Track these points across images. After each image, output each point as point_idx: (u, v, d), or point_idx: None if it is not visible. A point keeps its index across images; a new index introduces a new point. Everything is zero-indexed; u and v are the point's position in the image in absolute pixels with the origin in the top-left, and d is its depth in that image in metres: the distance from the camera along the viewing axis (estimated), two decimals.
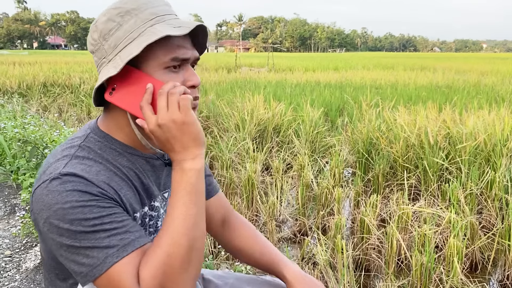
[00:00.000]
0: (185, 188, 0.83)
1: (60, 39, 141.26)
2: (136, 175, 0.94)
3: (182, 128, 0.83)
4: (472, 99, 8.26)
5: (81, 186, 0.81)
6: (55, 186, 0.80)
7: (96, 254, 0.79)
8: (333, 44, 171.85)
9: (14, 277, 2.33)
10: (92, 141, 0.91)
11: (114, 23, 0.87)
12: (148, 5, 0.88)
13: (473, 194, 3.66)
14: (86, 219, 0.79)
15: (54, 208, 0.79)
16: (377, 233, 3.13)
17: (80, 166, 0.84)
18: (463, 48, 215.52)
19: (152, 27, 0.86)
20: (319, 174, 4.50)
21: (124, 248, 0.80)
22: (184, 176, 0.84)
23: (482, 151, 4.33)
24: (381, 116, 5.41)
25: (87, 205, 0.79)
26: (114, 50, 0.87)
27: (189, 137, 0.84)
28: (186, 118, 0.83)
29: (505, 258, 3.08)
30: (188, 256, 0.80)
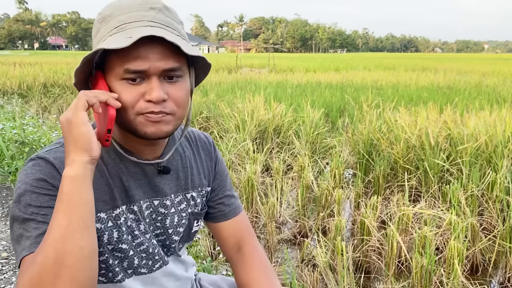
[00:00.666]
0: (59, 196, 0.77)
1: (61, 39, 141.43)
2: (117, 174, 0.94)
3: (69, 128, 0.79)
4: (473, 100, 8.25)
5: (45, 173, 0.83)
6: (29, 166, 0.85)
7: (21, 241, 0.80)
8: (334, 45, 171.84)
9: (11, 280, 2.32)
10: None
11: (95, 29, 0.90)
12: (120, 12, 0.85)
13: (474, 196, 3.64)
14: (29, 205, 0.81)
15: (19, 185, 0.84)
16: (377, 234, 3.12)
17: (59, 154, 0.87)
18: (464, 48, 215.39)
19: (111, 36, 0.84)
20: (320, 175, 4.49)
21: (35, 244, 0.78)
22: (64, 183, 0.77)
23: (483, 153, 4.31)
24: (382, 117, 5.39)
25: (35, 191, 0.82)
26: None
27: (72, 140, 0.79)
28: (72, 117, 0.78)
29: (506, 260, 3.06)
30: (54, 270, 0.72)
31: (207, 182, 1.11)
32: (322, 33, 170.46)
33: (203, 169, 1.11)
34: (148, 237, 0.99)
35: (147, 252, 0.99)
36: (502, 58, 49.05)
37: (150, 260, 1.00)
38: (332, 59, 36.18)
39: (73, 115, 0.79)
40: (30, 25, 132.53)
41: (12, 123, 4.22)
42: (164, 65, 0.84)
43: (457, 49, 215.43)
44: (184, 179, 1.05)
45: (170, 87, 0.87)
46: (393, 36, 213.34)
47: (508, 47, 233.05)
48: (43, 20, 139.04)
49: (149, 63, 0.83)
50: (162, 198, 1.00)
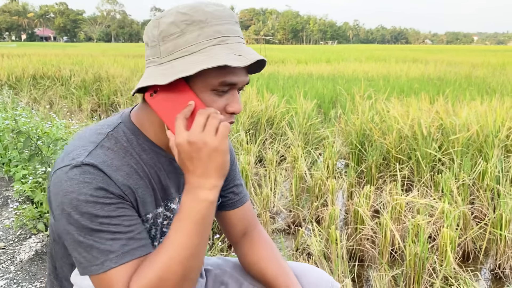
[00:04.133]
0: (194, 217, 0.81)
1: (49, 31, 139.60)
2: (156, 174, 0.93)
3: (212, 154, 0.81)
4: (464, 91, 8.31)
5: (99, 180, 0.80)
6: (74, 174, 0.80)
7: (95, 254, 0.79)
8: (325, 37, 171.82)
9: (9, 269, 2.33)
10: (120, 133, 0.90)
11: (178, 29, 0.84)
12: (216, 21, 0.85)
13: (465, 185, 3.69)
14: (96, 216, 0.79)
15: (70, 197, 0.79)
16: (371, 223, 3.15)
17: (102, 157, 0.83)
18: (454, 40, 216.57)
19: (213, 47, 0.83)
20: (313, 166, 4.51)
21: (123, 256, 0.80)
22: (196, 205, 0.81)
23: (475, 142, 4.36)
24: (374, 108, 5.42)
25: (99, 201, 0.79)
26: (168, 56, 0.84)
27: (214, 166, 0.81)
28: (219, 145, 0.81)
29: (497, 247, 3.11)
30: (179, 284, 0.80)
31: None
32: (313, 24, 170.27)
33: None
34: None
35: None
36: (491, 49, 49.42)
37: None
38: (323, 51, 36.18)
39: (220, 143, 0.81)
40: (17, 16, 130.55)
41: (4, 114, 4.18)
42: (246, 80, 0.90)
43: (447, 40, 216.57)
44: None
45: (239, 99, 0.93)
46: (384, 27, 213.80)
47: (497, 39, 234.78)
48: (31, 11, 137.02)
49: (240, 78, 0.87)
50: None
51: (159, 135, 0.92)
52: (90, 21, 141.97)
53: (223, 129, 0.82)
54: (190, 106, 0.83)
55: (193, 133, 0.80)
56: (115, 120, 0.93)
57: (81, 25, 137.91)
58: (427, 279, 2.72)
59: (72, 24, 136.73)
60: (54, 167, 0.86)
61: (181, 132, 0.81)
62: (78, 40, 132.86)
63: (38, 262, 2.41)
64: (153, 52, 0.86)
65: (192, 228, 0.81)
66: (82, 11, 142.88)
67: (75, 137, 0.90)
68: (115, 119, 0.94)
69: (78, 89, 9.47)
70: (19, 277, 2.25)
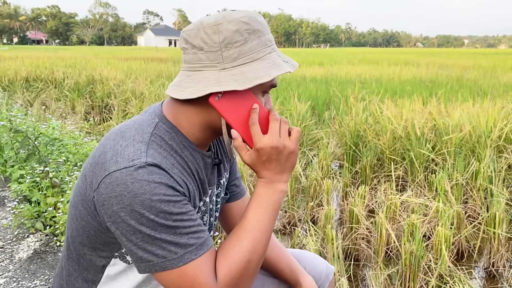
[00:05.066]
0: (273, 205, 0.93)
1: (41, 34, 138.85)
2: (196, 170, 0.98)
3: (290, 155, 0.94)
4: (456, 93, 8.39)
5: (166, 179, 0.84)
6: (142, 175, 0.81)
7: (173, 249, 0.83)
8: (318, 40, 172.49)
9: (8, 268, 2.33)
10: (163, 131, 0.93)
11: (242, 37, 0.90)
12: (266, 31, 0.95)
13: (459, 184, 3.73)
14: (171, 213, 0.83)
15: (141, 198, 0.81)
16: (366, 223, 3.17)
17: (158, 157, 0.86)
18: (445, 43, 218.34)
19: (269, 54, 0.92)
20: (307, 167, 4.53)
21: (201, 247, 0.86)
22: (275, 195, 0.94)
23: (467, 143, 4.41)
24: (368, 109, 5.46)
25: (172, 200, 0.83)
26: (233, 62, 0.89)
27: (290, 164, 0.95)
28: (296, 148, 0.95)
29: (490, 246, 3.15)
30: (259, 263, 0.91)
31: (227, 167, 1.19)
32: (305, 28, 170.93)
33: (225, 155, 1.18)
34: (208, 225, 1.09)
35: None
36: (481, 52, 49.87)
37: None
38: (316, 54, 36.33)
39: (296, 146, 0.96)
40: (9, 19, 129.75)
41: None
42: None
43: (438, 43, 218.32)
44: (218, 168, 1.12)
45: None
46: (376, 31, 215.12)
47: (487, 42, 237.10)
48: (22, 14, 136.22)
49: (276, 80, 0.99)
50: (212, 187, 1.08)
51: (196, 134, 0.97)
52: (83, 24, 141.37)
53: (296, 134, 0.96)
54: (255, 110, 0.93)
55: (273, 139, 0.91)
56: (151, 118, 0.95)
57: (73, 28, 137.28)
58: (423, 277, 2.75)
59: (64, 27, 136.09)
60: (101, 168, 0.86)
61: (261, 138, 0.91)
62: (70, 43, 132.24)
63: (37, 260, 2.40)
64: (212, 57, 0.89)
65: (272, 214, 0.93)
66: (74, 14, 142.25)
67: (116, 138, 0.90)
68: (150, 118, 0.95)
69: (71, 92, 9.43)
70: (18, 276, 2.26)
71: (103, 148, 0.89)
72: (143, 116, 0.97)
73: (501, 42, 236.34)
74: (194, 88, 0.89)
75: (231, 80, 0.88)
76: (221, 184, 1.14)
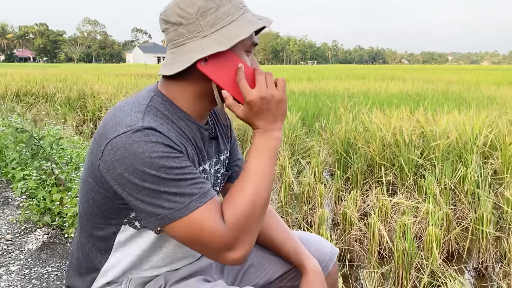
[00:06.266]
0: (270, 152, 0.98)
1: (28, 52, 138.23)
2: (193, 138, 1.04)
3: (279, 103, 0.99)
4: (441, 105, 8.60)
5: (163, 139, 0.90)
6: (139, 137, 0.88)
7: (178, 199, 0.89)
8: (305, 57, 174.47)
9: (19, 257, 2.38)
10: (158, 103, 1.00)
11: (214, 4, 0.96)
12: None
13: (447, 188, 3.85)
14: (171, 168, 0.89)
15: (141, 156, 0.87)
16: (359, 224, 3.26)
17: (154, 123, 0.92)
18: (430, 60, 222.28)
19: (244, 14, 0.98)
20: (299, 175, 4.62)
21: (204, 195, 0.91)
22: (271, 142, 0.99)
23: (454, 149, 4.55)
24: (357, 118, 5.59)
25: (171, 156, 0.89)
26: (211, 28, 0.95)
27: (281, 112, 1.00)
28: (283, 96, 1.00)
29: (479, 245, 3.25)
30: (265, 207, 0.96)
31: (227, 147, 1.25)
32: (293, 45, 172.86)
33: (224, 135, 1.24)
34: None
35: None
36: (465, 68, 50.89)
37: None
38: (304, 70, 36.74)
39: (283, 95, 1.00)
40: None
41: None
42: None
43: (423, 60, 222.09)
44: (217, 144, 1.17)
45: None
46: (362, 48, 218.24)
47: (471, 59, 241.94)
48: (10, 32, 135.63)
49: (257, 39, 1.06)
50: (210, 161, 1.13)
51: (191, 106, 1.03)
52: (71, 42, 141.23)
53: (282, 83, 1.01)
54: (241, 68, 0.98)
55: (262, 90, 0.97)
56: (147, 93, 1.02)
57: (61, 46, 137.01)
58: (415, 274, 2.83)
59: (52, 44, 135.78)
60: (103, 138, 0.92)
61: (249, 91, 0.97)
62: (58, 61, 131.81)
63: (47, 250, 2.45)
64: (192, 29, 0.96)
65: (270, 160, 0.98)
66: (62, 32, 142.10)
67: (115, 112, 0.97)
68: (146, 93, 1.02)
69: (63, 106, 9.46)
70: (30, 263, 2.31)
71: (104, 123, 0.96)
72: (140, 92, 1.05)
73: (483, 58, 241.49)
74: (181, 61, 0.95)
75: (213, 44, 0.94)
76: (221, 161, 1.19)
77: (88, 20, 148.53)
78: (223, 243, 0.90)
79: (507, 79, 20.97)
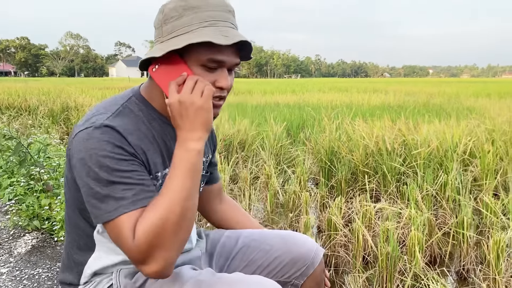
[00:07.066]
0: (185, 165, 0.95)
1: (9, 66, 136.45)
2: (163, 139, 1.08)
3: (198, 111, 0.96)
4: (422, 116, 8.78)
5: (116, 139, 0.95)
6: (96, 134, 0.94)
7: (110, 202, 0.92)
8: (289, 70, 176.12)
9: (9, 260, 2.40)
10: (133, 104, 1.06)
11: (176, 13, 1.00)
12: (209, 8, 0.99)
13: (429, 195, 3.94)
14: (113, 169, 0.92)
15: (91, 152, 0.93)
16: (344, 230, 3.31)
17: (119, 122, 0.98)
18: (411, 73, 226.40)
19: (204, 28, 0.97)
20: (285, 184, 4.67)
21: (133, 203, 0.92)
22: (186, 154, 0.96)
23: (436, 157, 4.66)
24: (341, 128, 5.69)
25: (116, 157, 0.93)
26: (168, 35, 1.00)
27: (200, 121, 0.97)
28: (204, 104, 0.97)
29: (460, 249, 3.33)
30: (179, 223, 0.91)
31: (209, 151, 1.32)
32: (276, 59, 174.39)
33: (208, 139, 1.30)
34: None
35: None
36: (445, 81, 51.96)
37: None
38: (288, 83, 37.08)
39: (205, 103, 0.97)
40: None
41: None
42: (235, 61, 1.05)
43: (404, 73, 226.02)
44: None
45: (229, 78, 1.06)
46: (344, 62, 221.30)
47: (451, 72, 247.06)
48: None
49: (228, 57, 1.02)
50: None
51: (164, 106, 1.08)
52: (53, 56, 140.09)
53: (207, 91, 0.97)
54: (182, 76, 0.99)
55: (183, 95, 0.96)
56: (128, 93, 1.09)
57: (43, 60, 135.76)
58: (399, 277, 2.89)
59: (34, 58, 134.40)
60: (74, 131, 0.99)
61: (173, 94, 0.97)
62: (40, 75, 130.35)
63: (37, 253, 2.46)
64: (158, 33, 1.03)
65: (184, 173, 0.94)
66: (44, 46, 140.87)
67: (94, 108, 1.04)
68: (127, 93, 1.09)
69: (46, 119, 9.38)
70: (20, 266, 2.33)
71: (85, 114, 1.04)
72: (123, 92, 1.11)
73: (463, 72, 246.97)
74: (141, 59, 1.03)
75: (156, 50, 1.00)
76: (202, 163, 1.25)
77: (71, 34, 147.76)
78: (131, 257, 0.91)
79: (485, 91, 21.55)
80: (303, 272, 1.29)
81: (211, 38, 0.95)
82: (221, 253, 1.34)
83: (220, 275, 1.07)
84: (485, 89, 23.19)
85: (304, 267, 1.29)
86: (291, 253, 1.29)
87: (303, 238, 1.36)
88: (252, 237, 1.35)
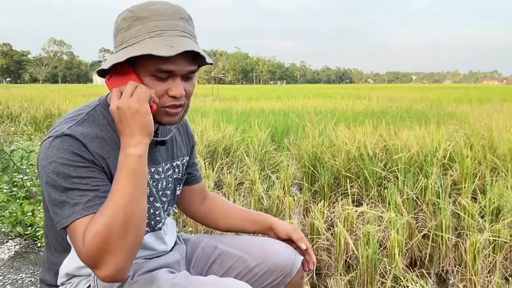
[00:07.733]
0: (126, 170, 0.96)
1: None
2: None
3: (134, 115, 0.97)
4: (404, 122, 8.94)
5: (75, 147, 0.98)
6: (56, 143, 0.98)
7: (67, 208, 0.95)
8: (274, 77, 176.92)
9: None
10: (98, 112, 1.09)
11: (126, 24, 1.01)
12: (157, 17, 1.00)
13: (409, 199, 4.02)
14: (69, 176, 0.96)
15: (50, 160, 0.97)
16: (326, 234, 3.37)
17: (80, 130, 1.01)
18: (394, 79, 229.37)
19: (149, 39, 0.98)
20: (269, 189, 4.72)
21: (87, 209, 0.95)
22: (126, 160, 0.96)
23: (416, 161, 4.76)
24: (324, 133, 5.77)
25: (73, 165, 0.97)
26: (118, 46, 1.03)
27: (138, 126, 0.97)
28: (140, 108, 0.97)
29: (439, 252, 3.42)
30: (124, 227, 0.92)
31: (186, 152, 1.35)
32: (262, 65, 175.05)
33: (183, 142, 1.34)
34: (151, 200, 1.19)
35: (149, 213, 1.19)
36: (428, 87, 52.82)
37: (153, 221, 1.21)
38: (273, 90, 37.25)
39: (141, 107, 0.97)
40: None
41: None
42: (188, 69, 1.04)
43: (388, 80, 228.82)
44: (171, 150, 1.26)
45: (185, 84, 1.07)
46: (329, 68, 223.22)
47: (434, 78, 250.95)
48: None
49: (178, 66, 1.02)
50: (156, 166, 1.19)
51: None
52: (36, 62, 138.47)
53: (143, 95, 0.98)
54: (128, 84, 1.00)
55: (121, 100, 0.98)
56: (95, 102, 1.13)
57: (26, 66, 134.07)
58: (380, 279, 2.95)
59: (16, 65, 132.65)
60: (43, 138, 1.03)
61: (114, 101, 0.99)
62: (22, 82, 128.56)
63: (20, 259, 2.47)
64: (113, 44, 1.07)
65: (126, 179, 0.95)
66: (27, 52, 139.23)
67: (62, 118, 1.08)
68: (94, 102, 1.13)
69: (29, 126, 9.29)
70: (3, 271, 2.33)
71: None
72: (92, 101, 1.15)
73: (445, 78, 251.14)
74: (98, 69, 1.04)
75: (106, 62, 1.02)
76: (173, 166, 1.26)
77: (54, 40, 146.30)
78: (83, 261, 0.94)
79: (467, 96, 22.00)
80: (281, 280, 1.30)
81: (151, 50, 0.95)
82: (200, 258, 1.36)
83: (194, 278, 1.10)
84: (467, 95, 23.66)
85: (282, 275, 1.30)
86: (270, 262, 1.29)
87: (281, 247, 1.34)
88: (232, 244, 1.36)
